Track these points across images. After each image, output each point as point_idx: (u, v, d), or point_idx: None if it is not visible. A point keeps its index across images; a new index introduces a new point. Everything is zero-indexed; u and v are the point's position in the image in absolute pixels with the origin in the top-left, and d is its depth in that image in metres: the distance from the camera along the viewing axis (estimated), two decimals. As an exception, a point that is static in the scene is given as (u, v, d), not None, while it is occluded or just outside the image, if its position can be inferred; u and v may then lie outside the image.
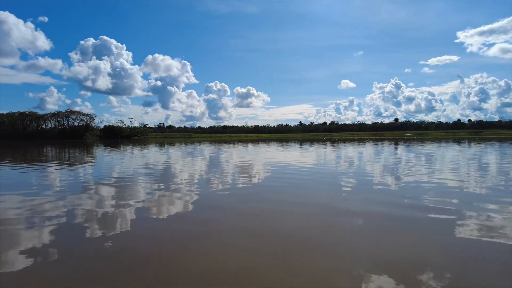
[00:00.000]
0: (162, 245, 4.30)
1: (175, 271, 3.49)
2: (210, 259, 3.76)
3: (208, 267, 3.53)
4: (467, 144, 36.85)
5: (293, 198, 7.25)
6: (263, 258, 3.79)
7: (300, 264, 3.63)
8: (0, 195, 7.63)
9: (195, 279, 3.27)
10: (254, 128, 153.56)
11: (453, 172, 11.53)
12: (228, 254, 3.92)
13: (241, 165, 14.99)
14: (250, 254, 3.92)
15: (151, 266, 3.55)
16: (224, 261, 3.70)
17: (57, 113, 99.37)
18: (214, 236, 4.59)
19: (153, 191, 8.14)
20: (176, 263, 3.69)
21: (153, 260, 3.74)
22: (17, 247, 4.15)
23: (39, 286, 3.18)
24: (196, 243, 4.32)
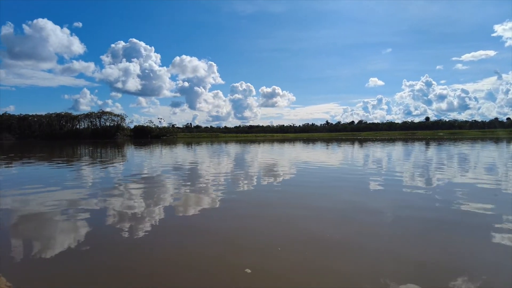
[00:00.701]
0: (185, 241, 4.33)
1: (197, 267, 3.48)
2: (231, 257, 3.74)
3: (228, 265, 3.53)
4: (505, 144, 34.42)
5: (318, 198, 7.11)
6: (285, 258, 3.72)
7: (323, 265, 3.53)
8: (39, 190, 8.07)
9: (218, 275, 3.27)
10: (279, 127, 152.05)
11: (488, 173, 10.79)
12: (249, 253, 3.89)
13: (267, 164, 14.89)
14: (273, 253, 3.87)
15: (171, 260, 3.65)
16: (245, 260, 3.64)
17: (90, 113, 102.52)
18: (238, 235, 4.57)
19: (180, 188, 8.29)
20: (199, 261, 3.65)
21: (175, 253, 3.87)
22: (53, 238, 4.43)
23: (74, 271, 3.38)
24: (220, 240, 4.31)
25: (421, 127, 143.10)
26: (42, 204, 6.48)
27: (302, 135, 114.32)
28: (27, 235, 4.67)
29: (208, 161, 17.04)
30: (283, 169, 12.71)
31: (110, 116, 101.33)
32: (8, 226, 5.04)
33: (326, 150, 26.50)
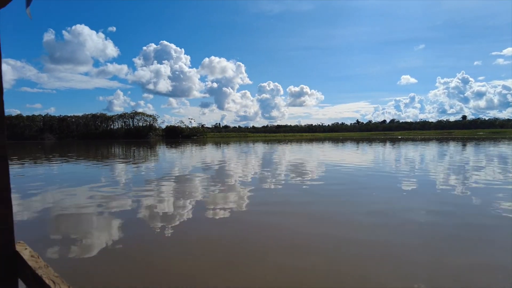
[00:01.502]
0: (215, 237, 4.37)
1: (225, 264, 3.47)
2: (257, 255, 3.73)
3: (255, 264, 3.51)
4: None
5: (347, 199, 6.91)
6: (313, 258, 3.65)
7: (351, 269, 3.39)
8: (77, 188, 8.46)
9: (248, 273, 3.28)
10: (307, 127, 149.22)
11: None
12: (275, 253, 3.83)
13: (295, 163, 14.57)
14: (300, 253, 3.80)
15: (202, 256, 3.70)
16: (271, 260, 3.60)
17: (123, 114, 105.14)
18: (266, 234, 4.54)
19: (209, 187, 8.34)
20: (225, 260, 3.61)
21: (208, 251, 3.90)
22: (90, 233, 4.62)
23: (110, 262, 3.55)
24: (249, 239, 4.30)
25: (458, 126, 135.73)
26: (79, 201, 6.76)
27: (332, 135, 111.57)
28: (66, 230, 4.82)
29: (237, 160, 16.97)
30: (311, 169, 12.39)
31: (142, 116, 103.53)
32: (49, 222, 5.27)
33: (356, 150, 25.55)
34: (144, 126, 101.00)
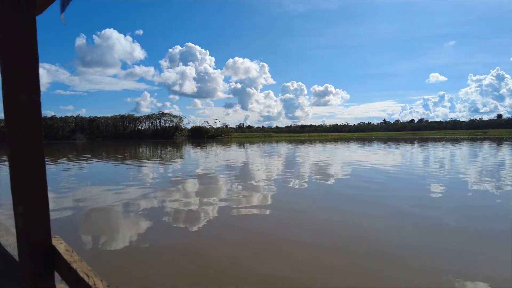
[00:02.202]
0: (238, 235, 4.42)
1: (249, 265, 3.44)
2: (281, 255, 3.69)
3: (278, 264, 3.46)
4: None
5: (374, 200, 6.65)
6: (335, 259, 3.61)
7: (378, 272, 3.29)
8: (107, 186, 8.56)
9: (271, 273, 3.24)
10: (332, 127, 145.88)
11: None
12: (297, 253, 3.77)
13: (319, 164, 14.26)
14: (325, 254, 3.75)
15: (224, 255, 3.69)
16: (294, 260, 3.56)
17: (150, 115, 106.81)
18: (289, 234, 4.45)
19: (233, 186, 8.26)
20: (249, 261, 3.57)
21: (228, 250, 3.90)
22: (118, 229, 4.76)
23: (136, 260, 3.60)
24: (272, 239, 4.23)
25: (492, 125, 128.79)
26: (108, 198, 6.95)
27: (358, 135, 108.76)
28: (94, 227, 4.94)
29: (261, 160, 16.92)
30: (335, 169, 12.13)
31: (169, 117, 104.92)
32: (78, 218, 5.38)
33: (384, 150, 24.98)
34: (170, 127, 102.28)
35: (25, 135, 0.82)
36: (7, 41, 0.77)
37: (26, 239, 0.87)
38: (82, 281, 0.77)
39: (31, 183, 0.85)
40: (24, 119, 0.81)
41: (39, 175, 0.86)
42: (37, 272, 0.90)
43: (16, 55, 0.78)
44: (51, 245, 0.92)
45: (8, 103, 0.79)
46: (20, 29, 0.77)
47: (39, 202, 0.87)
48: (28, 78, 0.81)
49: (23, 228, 0.86)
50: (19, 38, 0.78)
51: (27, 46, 0.79)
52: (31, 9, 0.79)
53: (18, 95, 0.80)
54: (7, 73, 0.78)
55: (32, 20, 0.80)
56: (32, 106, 0.82)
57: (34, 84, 0.82)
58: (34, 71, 0.82)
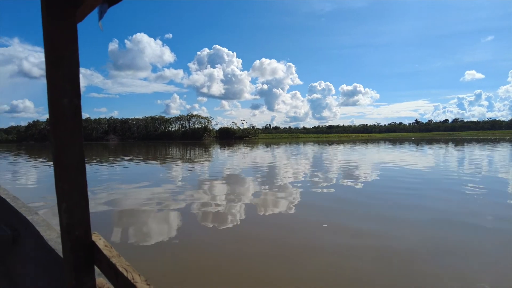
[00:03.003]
0: (264, 236, 4.36)
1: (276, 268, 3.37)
2: (307, 259, 3.59)
3: (306, 268, 3.37)
4: None
5: (407, 204, 6.24)
6: (363, 265, 3.41)
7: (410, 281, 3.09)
8: (137, 185, 8.77)
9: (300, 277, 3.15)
10: (362, 127, 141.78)
11: None
12: (327, 257, 3.66)
13: (347, 166, 13.73)
14: (350, 259, 3.58)
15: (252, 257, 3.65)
16: (323, 264, 3.46)
17: (180, 116, 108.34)
18: (315, 237, 4.34)
19: (260, 187, 8.23)
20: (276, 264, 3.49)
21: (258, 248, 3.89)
22: (147, 227, 4.85)
23: (164, 260, 3.62)
24: (299, 242, 4.13)
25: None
26: (138, 198, 7.04)
27: (389, 135, 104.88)
28: (125, 224, 5.03)
29: (289, 161, 16.62)
30: (366, 171, 11.58)
31: (198, 118, 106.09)
32: (110, 217, 5.47)
33: (418, 151, 23.69)
34: (199, 128, 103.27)
35: (67, 137, 0.86)
36: (51, 48, 0.81)
37: (69, 234, 0.92)
38: (121, 276, 0.81)
39: (73, 182, 0.89)
40: (66, 121, 0.85)
41: (80, 175, 0.90)
42: (79, 265, 0.94)
43: (59, 61, 0.82)
44: (91, 241, 0.97)
45: (52, 106, 0.84)
46: (63, 37, 0.82)
47: (80, 200, 0.91)
48: (70, 83, 0.84)
49: (66, 224, 0.91)
50: (62, 45, 0.82)
51: (69, 52, 0.83)
52: (72, 18, 0.83)
53: (61, 99, 0.84)
54: (51, 78, 0.82)
55: (73, 28, 0.84)
56: (74, 109, 0.86)
57: (75, 88, 0.86)
58: (76, 75, 0.85)
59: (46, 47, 0.82)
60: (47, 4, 0.79)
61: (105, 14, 0.78)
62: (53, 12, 0.79)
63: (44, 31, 0.82)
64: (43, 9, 0.81)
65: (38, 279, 1.70)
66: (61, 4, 0.80)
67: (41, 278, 1.66)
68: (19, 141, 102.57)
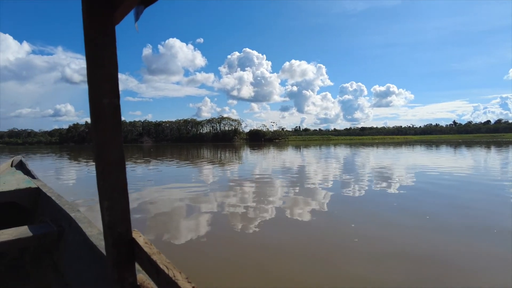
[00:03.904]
0: (292, 240, 4.27)
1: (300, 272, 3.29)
2: (332, 265, 3.48)
3: (337, 273, 3.28)
4: None
5: (444, 211, 5.68)
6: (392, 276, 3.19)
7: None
8: (171, 186, 9.01)
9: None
10: (396, 129, 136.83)
11: None
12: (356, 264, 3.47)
13: (383, 169, 12.83)
14: (380, 267, 3.38)
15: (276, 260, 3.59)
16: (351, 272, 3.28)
17: (211, 119, 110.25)
18: (344, 243, 4.16)
19: (289, 190, 8.12)
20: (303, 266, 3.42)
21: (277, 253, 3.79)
22: (178, 227, 4.93)
23: (194, 257, 3.69)
24: (327, 246, 4.05)
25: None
26: (170, 198, 7.19)
27: (426, 137, 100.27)
28: (156, 224, 5.12)
29: (321, 164, 16.12)
30: (401, 176, 10.72)
31: (228, 121, 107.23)
32: (143, 216, 5.56)
33: (458, 155, 21.88)
34: (229, 130, 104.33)
35: (108, 137, 0.88)
36: (92, 50, 0.84)
37: (111, 231, 0.94)
38: (162, 273, 0.82)
39: (114, 180, 0.91)
40: (106, 121, 0.87)
41: (120, 173, 0.92)
42: (121, 261, 0.96)
43: (100, 63, 0.85)
44: (131, 238, 0.98)
45: (93, 106, 0.86)
46: (103, 39, 0.84)
47: (121, 198, 0.93)
48: (110, 83, 0.87)
49: (108, 221, 0.93)
50: (102, 47, 0.85)
51: (109, 54, 0.86)
52: (110, 20, 0.86)
53: (101, 99, 0.86)
54: (92, 79, 0.85)
55: (112, 31, 0.87)
56: (113, 109, 0.88)
57: (114, 89, 0.88)
58: (115, 76, 0.88)
59: (87, 50, 0.85)
60: (87, 9, 0.82)
61: (141, 15, 0.79)
62: (92, 16, 0.83)
63: (85, 34, 0.85)
64: (84, 14, 0.84)
65: (82, 273, 1.76)
66: (100, 8, 0.83)
67: (85, 272, 1.71)
68: (60, 143, 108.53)
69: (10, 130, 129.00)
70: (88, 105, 0.89)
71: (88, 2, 0.83)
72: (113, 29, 0.88)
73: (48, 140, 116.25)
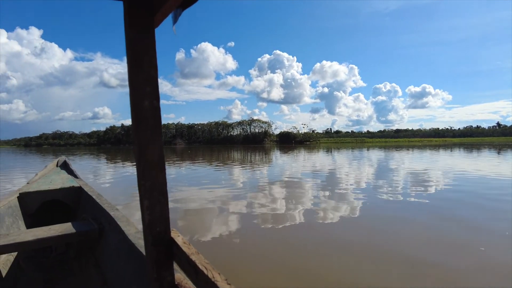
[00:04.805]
0: (322, 243, 4.22)
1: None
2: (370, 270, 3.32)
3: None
4: None
5: (489, 224, 5.03)
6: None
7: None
8: (202, 187, 9.10)
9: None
10: (433, 131, 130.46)
11: None
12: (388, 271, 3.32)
13: (421, 175, 11.65)
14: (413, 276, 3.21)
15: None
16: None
17: (241, 121, 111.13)
18: (377, 247, 4.00)
19: (318, 193, 8.00)
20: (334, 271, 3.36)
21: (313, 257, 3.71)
22: (210, 227, 4.93)
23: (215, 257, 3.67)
24: (363, 251, 3.86)
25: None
26: (202, 199, 7.24)
27: (467, 140, 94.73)
28: (187, 224, 5.17)
29: (355, 168, 15.26)
30: (440, 182, 9.75)
31: (258, 123, 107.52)
32: (175, 217, 5.58)
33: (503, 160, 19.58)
34: (259, 132, 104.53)
35: (149, 137, 0.89)
36: (133, 53, 0.86)
37: (150, 230, 0.95)
38: (202, 273, 0.82)
39: (154, 180, 0.92)
40: (147, 122, 0.89)
41: (160, 173, 0.93)
42: (160, 260, 0.97)
43: (140, 65, 0.86)
44: (170, 237, 1.00)
45: (134, 108, 0.88)
46: (143, 42, 0.86)
47: (160, 197, 0.94)
48: (150, 86, 0.88)
49: (148, 220, 0.94)
50: (142, 50, 0.86)
51: (149, 57, 0.87)
52: (151, 24, 0.88)
53: (142, 101, 0.88)
54: (133, 82, 0.86)
55: (152, 34, 0.89)
56: (154, 111, 0.90)
57: (154, 91, 0.89)
58: (155, 79, 0.89)
59: (128, 53, 0.87)
60: (128, 13, 0.84)
61: (179, 18, 0.81)
62: (133, 20, 0.85)
63: (127, 38, 0.87)
64: (125, 18, 0.86)
65: (120, 270, 1.80)
66: (140, 12, 0.85)
67: (123, 269, 1.75)
68: (98, 144, 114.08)
69: (54, 132, 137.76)
70: (125, 107, 1.03)
71: (129, 7, 0.84)
72: (153, 32, 0.89)
73: (87, 142, 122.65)
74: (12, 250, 2.07)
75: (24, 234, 2.17)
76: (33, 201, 3.16)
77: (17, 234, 2.18)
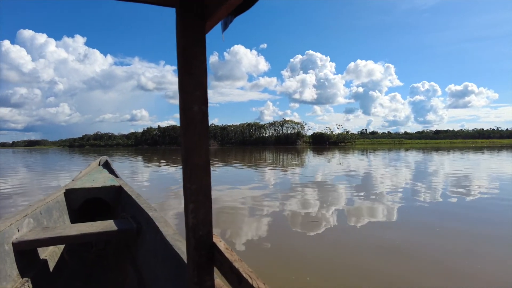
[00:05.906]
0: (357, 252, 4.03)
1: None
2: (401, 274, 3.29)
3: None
4: None
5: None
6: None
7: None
8: (233, 187, 9.35)
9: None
10: (476, 132, 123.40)
11: None
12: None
13: (462, 179, 10.83)
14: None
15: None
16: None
17: (274, 122, 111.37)
18: (409, 251, 3.95)
19: (352, 196, 7.87)
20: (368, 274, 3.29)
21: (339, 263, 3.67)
22: (242, 228, 4.97)
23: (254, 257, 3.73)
24: (396, 257, 3.79)
25: None
26: (234, 200, 7.36)
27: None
28: (221, 223, 5.24)
29: (393, 170, 14.67)
30: (483, 187, 8.89)
31: (291, 124, 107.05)
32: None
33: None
34: (292, 133, 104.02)
35: (196, 142, 0.90)
36: (184, 59, 0.87)
37: (194, 233, 0.94)
38: (246, 282, 0.79)
39: (199, 183, 0.92)
40: (195, 126, 0.89)
41: (206, 176, 0.93)
42: (201, 264, 0.96)
43: (190, 71, 0.87)
44: (212, 242, 0.98)
45: (183, 112, 0.89)
46: (194, 48, 0.87)
47: (205, 201, 0.94)
48: (199, 91, 0.89)
49: (192, 223, 0.93)
50: (193, 56, 0.87)
51: (199, 62, 0.88)
52: (202, 30, 0.88)
53: (192, 106, 0.88)
54: (183, 87, 0.88)
55: (203, 40, 0.89)
56: (202, 115, 0.90)
57: (204, 96, 0.90)
58: (204, 84, 0.90)
59: (179, 59, 0.88)
60: (180, 20, 0.85)
61: (229, 25, 0.81)
62: (185, 27, 0.86)
63: (178, 44, 0.88)
64: (177, 25, 0.88)
65: (156, 270, 1.83)
66: (192, 19, 0.86)
67: (160, 269, 1.78)
68: (135, 145, 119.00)
69: (95, 134, 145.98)
70: (161, 109, 1.04)
71: (181, 13, 0.85)
72: (204, 38, 0.90)
73: (125, 143, 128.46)
74: (58, 242, 2.18)
75: (69, 228, 2.30)
76: (77, 197, 3.34)
77: (63, 228, 2.32)
